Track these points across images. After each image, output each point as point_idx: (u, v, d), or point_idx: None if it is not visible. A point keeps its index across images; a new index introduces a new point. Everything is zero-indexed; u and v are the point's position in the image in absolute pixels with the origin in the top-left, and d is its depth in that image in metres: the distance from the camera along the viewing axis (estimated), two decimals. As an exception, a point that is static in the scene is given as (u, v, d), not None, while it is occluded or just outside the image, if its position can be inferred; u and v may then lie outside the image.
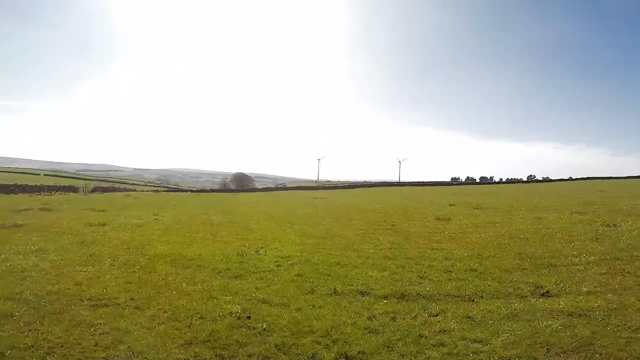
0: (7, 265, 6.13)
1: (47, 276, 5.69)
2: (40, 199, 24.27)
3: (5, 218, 11.98)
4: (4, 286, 5.12)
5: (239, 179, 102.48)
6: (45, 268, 6.12)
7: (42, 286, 5.18)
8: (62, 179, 61.50)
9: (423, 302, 4.90)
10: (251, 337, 3.89)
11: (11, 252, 7.10)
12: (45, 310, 4.34)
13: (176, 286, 5.49)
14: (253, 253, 7.75)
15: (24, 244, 7.99)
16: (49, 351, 3.41)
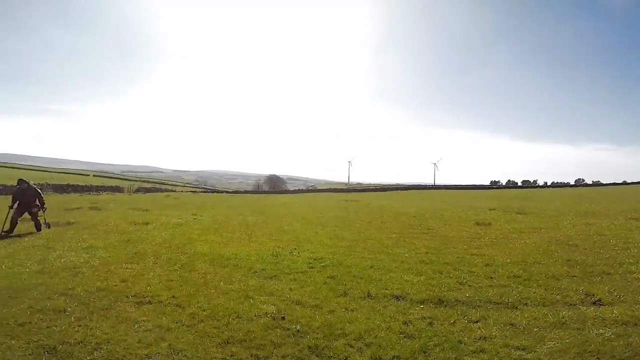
0: (62, 262, 6.50)
1: (97, 273, 5.97)
2: (90, 199, 26.00)
3: (60, 216, 12.89)
4: (58, 282, 5.42)
5: (272, 181, 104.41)
6: (95, 265, 6.44)
7: (92, 282, 5.44)
8: (108, 180, 65.62)
9: (462, 309, 4.74)
10: (285, 338, 3.91)
11: (65, 249, 7.56)
12: (94, 306, 4.54)
13: (214, 285, 5.63)
14: (287, 254, 7.82)
15: (76, 241, 8.53)
16: (96, 347, 3.54)
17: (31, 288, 5.06)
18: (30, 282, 5.34)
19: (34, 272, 5.80)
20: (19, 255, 6.84)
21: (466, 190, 61.29)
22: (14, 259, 6.49)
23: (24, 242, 8.11)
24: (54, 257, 6.77)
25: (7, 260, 6.36)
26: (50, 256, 6.81)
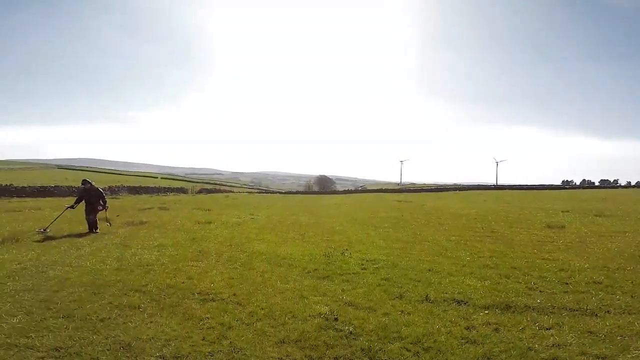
0: (136, 259, 7.00)
1: (166, 270, 6.34)
2: (159, 199, 28.32)
3: (134, 216, 14.15)
4: (133, 279, 5.81)
5: (321, 181, 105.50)
6: (165, 262, 6.87)
7: (162, 279, 5.76)
8: (174, 182, 71.05)
9: (533, 315, 4.48)
10: (338, 340, 3.90)
11: (138, 247, 8.14)
12: (164, 303, 4.78)
13: (271, 284, 5.78)
14: (339, 255, 7.80)
15: (148, 239, 9.18)
16: (165, 343, 3.72)
17: (111, 284, 5.45)
18: (110, 278, 5.76)
19: (113, 269, 6.26)
20: (101, 252, 7.51)
21: (534, 190, 56.10)
22: (96, 256, 7.13)
23: (105, 240, 8.94)
24: (130, 254, 7.38)
25: (91, 257, 7.01)
26: (127, 254, 7.42)
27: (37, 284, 5.29)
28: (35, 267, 6.10)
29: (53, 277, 5.61)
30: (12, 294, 4.83)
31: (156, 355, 3.48)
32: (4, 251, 7.15)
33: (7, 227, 9.60)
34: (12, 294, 4.85)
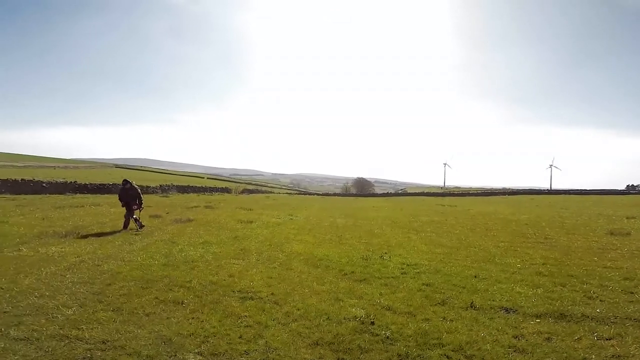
0: (182, 255, 7.29)
1: (210, 267, 6.53)
2: (205, 198, 29.60)
3: (182, 214, 14.89)
4: (179, 275, 5.95)
5: (359, 184, 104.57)
6: (209, 259, 7.09)
7: (205, 276, 5.92)
8: (219, 182, 74.10)
9: (591, 324, 4.20)
10: (374, 344, 3.80)
11: (185, 244, 8.49)
12: (206, 300, 4.89)
13: (308, 285, 5.76)
14: (377, 258, 7.65)
15: (194, 236, 9.57)
16: (204, 340, 3.78)
17: (158, 279, 5.66)
18: (157, 273, 5.98)
19: (161, 265, 6.52)
20: (151, 248, 7.94)
21: (593, 195, 51.25)
22: (146, 252, 7.53)
23: (154, 236, 9.46)
24: (177, 250, 7.73)
25: (142, 253, 7.42)
26: (174, 250, 7.77)
27: (92, 277, 5.63)
28: (91, 261, 6.54)
29: (107, 271, 5.97)
30: (69, 286, 5.17)
31: (194, 351, 3.55)
32: (66, 244, 7.77)
33: (70, 221, 10.53)
34: (69, 286, 5.19)
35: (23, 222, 10.18)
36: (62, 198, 19.94)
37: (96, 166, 75.60)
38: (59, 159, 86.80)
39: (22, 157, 75.90)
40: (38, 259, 6.42)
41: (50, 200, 17.63)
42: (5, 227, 9.26)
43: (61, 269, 5.91)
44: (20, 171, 35.93)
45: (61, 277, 5.54)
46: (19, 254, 6.71)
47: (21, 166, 50.91)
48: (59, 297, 4.73)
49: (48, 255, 6.72)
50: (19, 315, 4.12)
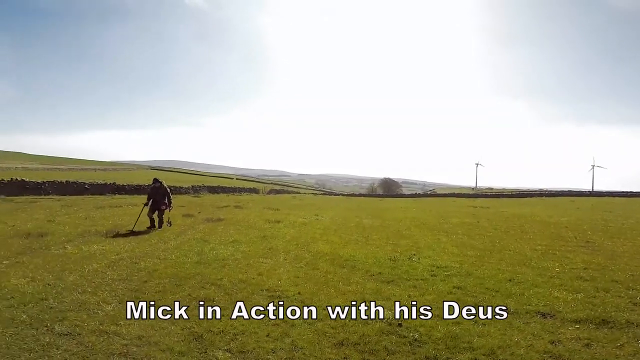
0: (214, 254, 7.52)
1: (239, 265, 6.69)
2: (234, 198, 30.34)
3: (213, 213, 15.32)
4: (210, 272, 6.14)
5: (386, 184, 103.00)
6: (239, 258, 7.26)
7: (235, 274, 6.07)
8: (247, 182, 75.65)
9: (635, 331, 4.02)
10: (401, 346, 3.76)
11: (216, 242, 8.74)
12: (236, 298, 4.99)
13: (334, 284, 5.78)
14: (405, 259, 7.53)
15: (224, 235, 9.83)
16: (233, 337, 3.87)
17: (191, 277, 5.83)
18: (190, 271, 6.16)
19: (193, 263, 6.71)
20: (184, 247, 8.21)
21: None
22: (180, 250, 7.80)
23: (187, 235, 9.77)
24: (209, 249, 7.96)
25: (176, 251, 7.69)
26: (206, 248, 8.01)
27: (130, 274, 5.90)
28: (129, 259, 6.86)
29: (144, 268, 6.24)
30: (109, 283, 5.44)
31: (224, 348, 3.64)
32: (107, 243, 8.21)
33: (110, 220, 11.14)
34: (109, 282, 5.46)
35: (68, 222, 10.86)
36: (102, 198, 21.15)
37: (132, 168, 79.53)
38: (99, 162, 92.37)
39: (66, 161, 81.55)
40: (82, 256, 6.81)
41: (92, 201, 18.74)
42: (52, 225, 9.93)
43: (102, 266, 6.23)
44: (64, 174, 38.45)
45: (102, 274, 5.82)
46: (64, 251, 7.14)
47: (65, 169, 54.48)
48: (100, 294, 4.96)
49: (90, 252, 7.11)
50: (64, 311, 4.36)
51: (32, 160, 73.50)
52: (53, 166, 57.67)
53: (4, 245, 7.30)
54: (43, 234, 8.47)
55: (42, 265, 6.00)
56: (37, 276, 5.46)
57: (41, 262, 6.23)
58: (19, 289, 4.96)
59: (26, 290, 4.92)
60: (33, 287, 5.05)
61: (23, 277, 5.39)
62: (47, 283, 5.22)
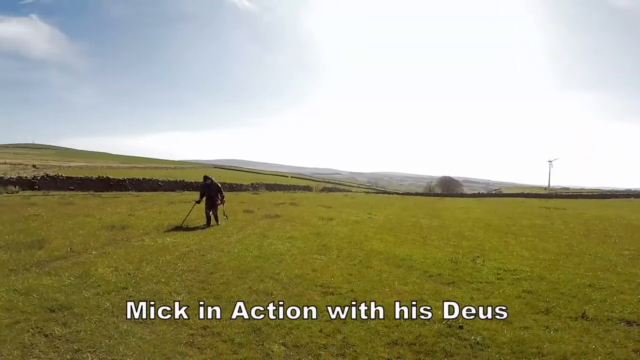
0: (272, 249, 7.79)
1: (295, 261, 6.87)
2: (289, 196, 31.16)
3: (270, 209, 15.87)
4: (269, 267, 6.34)
5: (445, 183, 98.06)
6: (295, 253, 7.46)
7: (291, 269, 6.25)
8: (301, 180, 77.38)
9: None
10: (461, 348, 3.64)
11: (274, 238, 9.04)
12: (292, 292, 5.15)
13: (389, 284, 5.70)
14: (468, 261, 7.19)
15: (281, 231, 10.15)
16: (288, 331, 3.97)
17: (251, 270, 6.08)
18: (251, 264, 6.41)
19: (254, 257, 6.98)
20: (245, 241, 8.62)
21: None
22: (242, 244, 8.20)
23: (248, 230, 10.23)
24: (267, 244, 8.29)
25: (238, 245, 8.10)
26: (265, 243, 8.34)
27: (198, 266, 6.31)
28: (197, 251, 7.37)
29: (210, 261, 6.65)
30: (179, 274, 5.84)
31: (279, 342, 3.76)
32: (178, 236, 8.88)
33: (180, 214, 12.08)
34: (179, 273, 5.87)
35: (145, 216, 12.03)
36: (173, 195, 23.13)
37: (198, 167, 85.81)
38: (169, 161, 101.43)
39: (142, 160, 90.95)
40: (157, 248, 7.46)
41: (165, 197, 20.56)
42: (132, 219, 11.08)
43: (174, 257, 6.74)
44: (141, 172, 42.79)
45: (174, 265, 6.26)
46: (142, 243, 7.88)
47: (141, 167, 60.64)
48: (172, 284, 5.29)
49: (164, 245, 7.77)
50: (141, 300, 4.58)
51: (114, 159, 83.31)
52: (132, 165, 64.63)
53: (94, 236, 8.27)
54: (125, 227, 9.47)
55: (124, 256, 6.67)
56: (119, 266, 6.03)
57: (123, 252, 6.94)
58: (104, 277, 5.40)
59: (110, 279, 5.35)
60: (116, 276, 5.51)
61: (108, 266, 5.98)
62: (127, 273, 5.73)
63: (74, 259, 6.26)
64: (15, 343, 3.48)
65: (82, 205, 13.91)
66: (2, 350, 3.34)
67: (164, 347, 3.55)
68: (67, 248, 6.94)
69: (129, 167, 55.65)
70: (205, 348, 3.57)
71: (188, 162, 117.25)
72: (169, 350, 3.48)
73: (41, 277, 5.20)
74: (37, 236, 7.73)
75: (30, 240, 7.32)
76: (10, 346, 3.42)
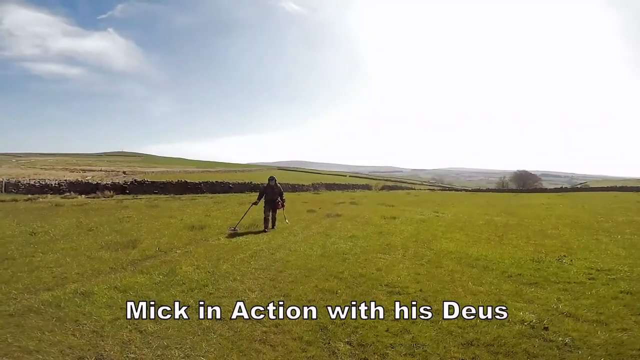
0: (335, 247, 7.88)
1: (358, 260, 6.85)
2: (349, 195, 31.24)
3: (331, 209, 16.08)
4: (332, 265, 6.39)
5: (521, 178, 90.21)
6: (357, 252, 7.45)
7: (355, 268, 6.25)
8: (360, 179, 77.01)
9: None
10: (546, 350, 3.42)
11: (336, 237, 9.13)
12: (356, 291, 5.13)
13: (462, 284, 5.45)
14: (553, 261, 6.62)
15: (343, 230, 10.24)
16: (354, 330, 3.97)
17: (316, 269, 6.15)
18: (316, 263, 6.49)
19: (318, 256, 7.08)
20: (310, 240, 8.82)
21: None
22: (307, 243, 8.41)
23: (312, 229, 10.48)
24: (330, 243, 8.40)
25: (303, 244, 8.32)
26: (328, 242, 8.47)
27: (268, 264, 6.57)
28: (267, 250, 7.71)
29: (279, 259, 6.90)
30: (252, 272, 5.96)
31: (345, 340, 3.76)
32: (249, 235, 9.38)
33: (250, 215, 12.85)
34: (252, 271, 5.98)
35: (219, 216, 12.99)
36: (243, 196, 24.63)
37: (263, 169, 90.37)
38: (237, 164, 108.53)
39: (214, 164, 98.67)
40: (232, 247, 7.96)
41: (236, 198, 21.97)
42: (208, 219, 12.03)
43: (247, 256, 7.11)
44: (214, 175, 46.46)
45: (247, 264, 6.47)
46: (219, 242, 8.47)
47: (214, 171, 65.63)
48: (246, 282, 5.49)
49: (238, 244, 8.27)
50: (220, 297, 4.84)
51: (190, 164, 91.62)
52: (205, 169, 70.45)
53: (177, 236, 9.11)
54: (203, 227, 10.29)
55: (204, 254, 7.21)
56: (200, 264, 6.47)
57: (202, 251, 7.52)
58: (188, 275, 5.68)
59: (193, 277, 5.61)
60: (198, 274, 5.77)
61: (190, 264, 6.44)
62: (207, 271, 6.06)
63: (162, 258, 6.94)
64: (115, 339, 3.72)
65: (166, 207, 15.48)
66: (105, 345, 3.59)
67: (240, 344, 3.70)
68: (156, 248, 7.75)
69: (203, 172, 60.77)
70: (277, 345, 3.68)
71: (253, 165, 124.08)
72: (245, 347, 3.64)
73: (135, 275, 5.75)
74: (130, 236, 8.75)
75: (125, 240, 8.29)
76: (111, 342, 3.66)
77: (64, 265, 6.08)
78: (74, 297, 4.65)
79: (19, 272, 5.63)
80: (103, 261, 6.48)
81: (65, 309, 4.31)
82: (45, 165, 54.03)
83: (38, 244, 7.58)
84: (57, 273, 5.68)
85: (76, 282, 5.29)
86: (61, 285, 5.13)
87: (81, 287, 4.99)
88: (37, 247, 7.29)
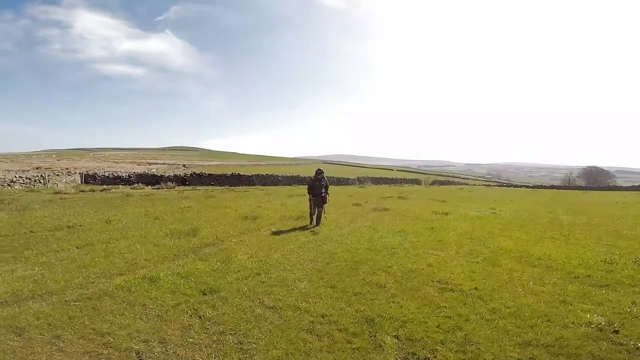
0: (383, 242, 7.83)
1: (408, 255, 6.75)
2: (397, 189, 30.57)
3: (378, 203, 15.92)
4: (381, 260, 6.37)
5: (591, 174, 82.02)
6: (407, 248, 7.34)
7: (404, 263, 6.17)
8: (408, 174, 74.88)
9: None
10: (614, 353, 3.25)
11: (384, 231, 9.06)
12: (406, 286, 5.08)
13: (521, 284, 5.18)
14: (628, 263, 6.10)
15: (391, 224, 10.09)
16: (402, 324, 3.92)
17: (364, 262, 6.20)
18: (363, 257, 6.54)
19: (365, 249, 7.12)
20: (356, 233, 8.85)
21: None
22: (353, 236, 8.44)
23: (358, 223, 10.48)
24: (378, 237, 8.36)
25: (350, 237, 8.36)
26: (375, 236, 8.43)
27: (316, 256, 6.71)
28: (315, 241, 7.89)
29: (326, 251, 7.03)
30: (301, 263, 6.16)
31: (392, 334, 3.75)
32: (298, 227, 9.63)
33: (298, 207, 13.14)
34: (301, 262, 6.19)
35: (270, 207, 13.48)
36: (290, 188, 25.31)
37: (309, 162, 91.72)
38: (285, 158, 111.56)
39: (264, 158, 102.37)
40: (282, 237, 8.24)
41: (284, 191, 22.65)
42: (260, 210, 12.55)
43: (296, 247, 7.34)
44: (264, 168, 48.24)
45: (296, 254, 6.67)
46: (270, 232, 8.81)
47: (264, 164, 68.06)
48: (296, 272, 5.66)
49: (288, 235, 8.55)
50: (271, 286, 5.01)
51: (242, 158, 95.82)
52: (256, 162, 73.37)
53: (232, 225, 9.62)
54: (255, 217, 10.77)
55: (256, 244, 7.56)
56: (253, 253, 6.77)
57: (255, 241, 7.88)
58: (242, 263, 5.96)
59: (247, 265, 5.88)
60: (251, 263, 6.04)
61: (245, 253, 6.79)
62: (260, 259, 6.23)
63: (219, 246, 7.38)
64: (177, 323, 3.90)
65: (221, 199, 16.40)
66: (167, 329, 3.77)
67: (289, 332, 3.78)
68: (214, 236, 8.26)
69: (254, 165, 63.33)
70: (323, 336, 3.75)
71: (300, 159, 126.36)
72: (293, 335, 3.75)
73: (196, 262, 6.13)
74: (191, 225, 9.41)
75: (187, 228, 8.93)
76: (173, 326, 3.84)
77: (134, 252, 6.70)
78: (142, 282, 5.06)
79: (96, 257, 6.29)
80: (167, 248, 7.02)
81: (135, 293, 4.69)
82: (116, 158, 59.92)
83: (113, 231, 8.44)
84: (129, 259, 6.25)
85: (144, 268, 5.77)
86: (132, 271, 5.62)
87: (149, 273, 5.42)
88: (112, 234, 8.12)
